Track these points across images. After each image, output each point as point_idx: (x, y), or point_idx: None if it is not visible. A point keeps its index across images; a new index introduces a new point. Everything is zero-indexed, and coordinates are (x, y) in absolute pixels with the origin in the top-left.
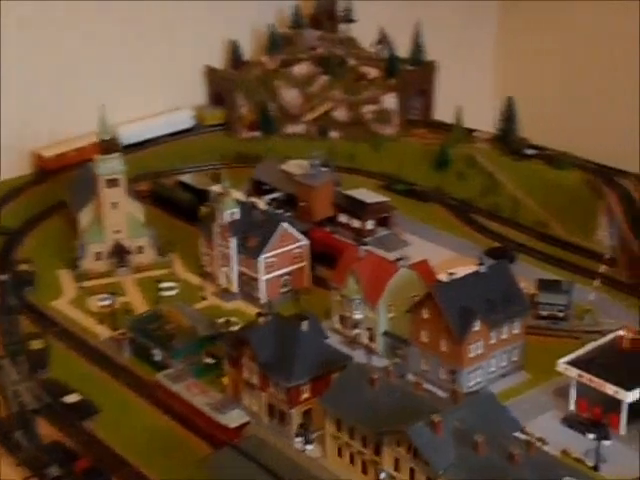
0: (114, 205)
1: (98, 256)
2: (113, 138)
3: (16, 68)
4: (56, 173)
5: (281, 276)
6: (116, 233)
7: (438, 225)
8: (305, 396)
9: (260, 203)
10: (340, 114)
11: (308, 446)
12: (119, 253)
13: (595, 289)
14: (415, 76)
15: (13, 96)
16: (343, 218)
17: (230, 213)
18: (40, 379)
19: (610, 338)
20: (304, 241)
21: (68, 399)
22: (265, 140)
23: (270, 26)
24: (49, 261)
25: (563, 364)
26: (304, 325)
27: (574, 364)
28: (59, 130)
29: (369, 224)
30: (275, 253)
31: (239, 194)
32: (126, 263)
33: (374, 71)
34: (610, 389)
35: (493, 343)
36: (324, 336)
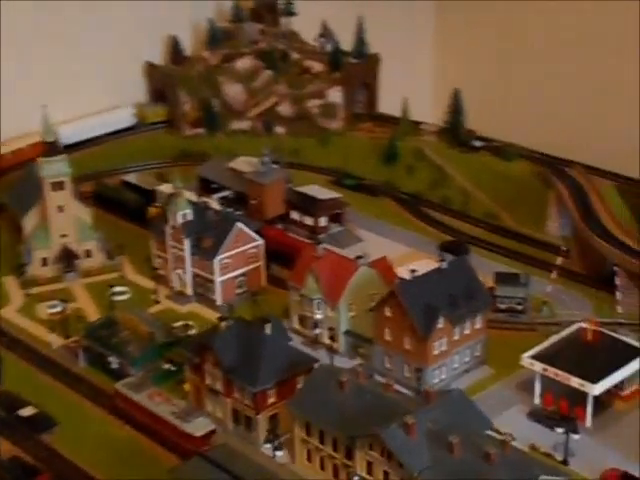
0: (60, 208)
1: (45, 261)
2: (57, 139)
3: None
4: None
5: (236, 277)
6: (63, 237)
7: (390, 220)
8: (271, 400)
9: (213, 203)
10: (285, 109)
11: (278, 452)
12: (67, 258)
13: (552, 281)
14: (359, 69)
15: None
16: (295, 215)
17: (183, 214)
18: None
19: (573, 331)
20: (259, 241)
21: (23, 412)
22: (209, 137)
23: (210, 20)
24: None
25: (527, 358)
26: (268, 328)
27: (538, 358)
28: None
29: (322, 221)
30: (230, 254)
31: (191, 194)
32: (74, 268)
33: (318, 65)
34: (575, 382)
35: (456, 339)
36: (288, 338)
